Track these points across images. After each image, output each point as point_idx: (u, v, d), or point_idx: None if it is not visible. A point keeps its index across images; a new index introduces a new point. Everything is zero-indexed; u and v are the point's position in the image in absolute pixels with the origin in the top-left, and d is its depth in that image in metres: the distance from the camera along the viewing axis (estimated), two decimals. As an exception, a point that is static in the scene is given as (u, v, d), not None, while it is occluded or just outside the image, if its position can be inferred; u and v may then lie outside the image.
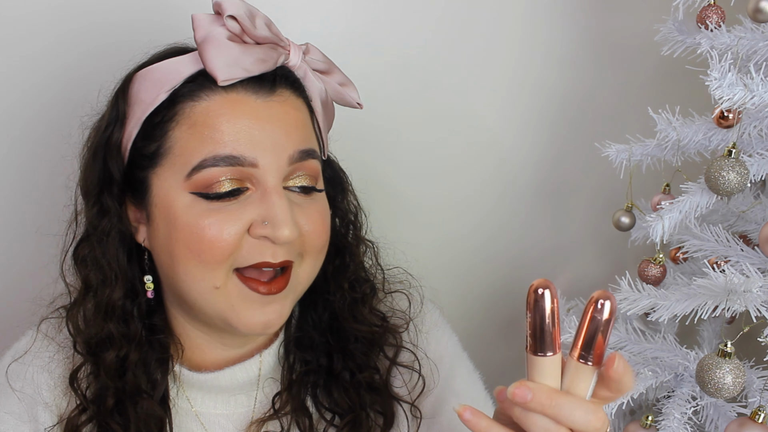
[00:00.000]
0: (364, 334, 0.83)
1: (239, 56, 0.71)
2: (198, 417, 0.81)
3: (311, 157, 0.74)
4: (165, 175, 0.72)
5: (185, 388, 0.80)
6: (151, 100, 0.73)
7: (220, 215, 0.70)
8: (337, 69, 0.80)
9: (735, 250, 0.96)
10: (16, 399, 0.77)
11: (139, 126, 0.74)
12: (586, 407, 0.53)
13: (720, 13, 0.96)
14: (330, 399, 0.82)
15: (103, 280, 0.76)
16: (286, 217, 0.69)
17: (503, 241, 1.36)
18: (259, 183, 0.71)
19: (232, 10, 0.70)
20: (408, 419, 0.83)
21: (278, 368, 0.83)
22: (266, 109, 0.72)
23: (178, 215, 0.71)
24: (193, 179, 0.70)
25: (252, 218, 0.70)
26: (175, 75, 0.73)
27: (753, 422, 0.86)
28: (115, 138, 0.75)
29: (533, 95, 1.28)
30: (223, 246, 0.70)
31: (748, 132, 0.95)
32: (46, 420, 0.77)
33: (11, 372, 0.78)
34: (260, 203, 0.70)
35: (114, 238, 0.76)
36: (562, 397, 0.53)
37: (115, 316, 0.76)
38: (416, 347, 0.85)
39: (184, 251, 0.71)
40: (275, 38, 0.73)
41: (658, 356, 1.00)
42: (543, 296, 0.50)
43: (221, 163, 0.69)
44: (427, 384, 0.84)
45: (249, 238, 0.71)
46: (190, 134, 0.71)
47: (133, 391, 0.76)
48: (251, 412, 0.82)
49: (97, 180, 0.76)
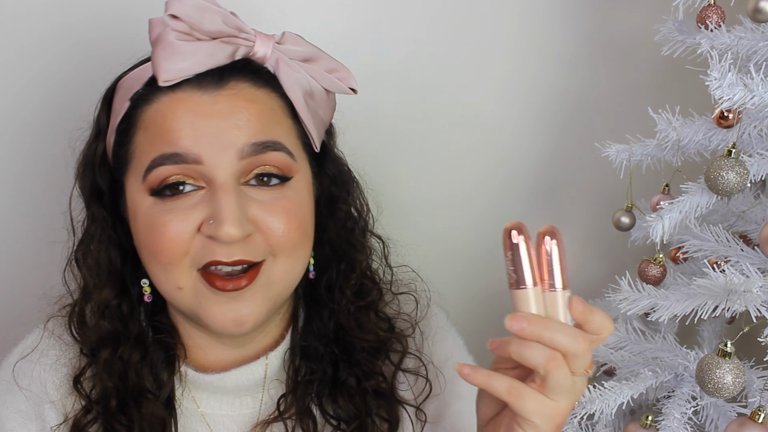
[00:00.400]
0: (371, 343, 0.82)
1: (186, 54, 0.69)
2: (204, 418, 0.81)
3: (273, 149, 0.71)
4: (131, 180, 0.73)
5: (191, 389, 0.81)
6: (120, 108, 0.75)
7: (172, 215, 0.70)
8: (324, 55, 0.77)
9: (735, 250, 0.96)
10: (23, 397, 0.77)
11: (114, 134, 0.75)
12: (572, 330, 0.57)
13: (720, 13, 0.96)
14: (335, 407, 0.82)
15: (97, 282, 0.77)
16: (230, 214, 0.68)
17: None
18: (210, 180, 0.70)
19: (175, 9, 0.69)
20: (413, 422, 0.83)
21: (284, 370, 0.83)
22: (211, 104, 0.70)
23: (142, 217, 0.72)
24: (147, 180, 0.70)
25: (203, 216, 0.70)
26: (138, 81, 0.74)
27: (753, 422, 0.86)
28: (100, 148, 0.77)
29: (533, 95, 1.28)
30: (173, 246, 0.69)
31: (748, 132, 0.95)
32: (52, 419, 0.77)
33: (18, 370, 0.79)
34: (209, 201, 0.70)
35: (104, 242, 0.77)
36: (552, 322, 0.57)
37: (112, 316, 0.77)
38: (422, 353, 0.85)
39: (146, 253, 0.72)
40: (232, 31, 0.72)
41: (658, 356, 1.00)
42: (515, 236, 0.59)
43: (167, 162, 0.69)
44: (434, 389, 0.84)
45: (201, 237, 0.70)
46: (144, 137, 0.72)
47: (136, 392, 0.76)
48: (256, 414, 0.82)
49: (88, 190, 0.78)
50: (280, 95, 0.75)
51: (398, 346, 0.84)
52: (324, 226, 0.82)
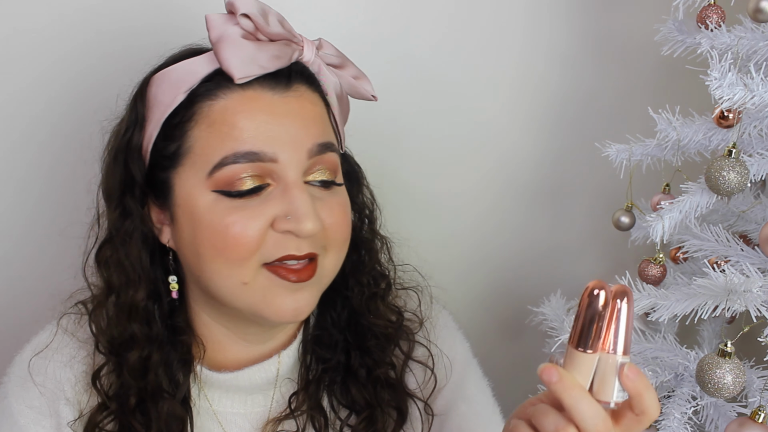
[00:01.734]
0: (381, 329, 0.84)
1: (254, 54, 0.71)
2: (216, 416, 0.81)
3: (330, 150, 0.75)
4: (186, 175, 0.73)
5: (205, 388, 0.81)
6: (170, 102, 0.73)
7: (243, 212, 0.70)
8: (350, 63, 0.81)
9: (735, 250, 0.96)
10: (38, 393, 0.78)
11: (159, 127, 0.74)
12: (598, 410, 0.54)
13: (720, 13, 0.96)
14: (347, 396, 0.83)
15: (126, 282, 0.76)
16: (309, 210, 0.70)
17: (502, 241, 1.35)
18: (280, 178, 0.71)
19: (246, 8, 0.71)
20: (422, 417, 0.83)
21: (296, 368, 0.83)
22: (283, 104, 0.72)
23: (202, 214, 0.71)
24: (215, 177, 0.71)
25: (275, 213, 0.71)
26: (192, 75, 0.73)
27: (753, 422, 0.86)
28: (135, 141, 0.76)
29: (534, 95, 1.28)
30: (248, 243, 0.70)
31: (748, 132, 0.95)
32: (67, 415, 0.78)
33: (32, 366, 0.79)
34: (282, 198, 0.71)
35: (137, 239, 0.76)
36: (582, 391, 0.54)
37: (139, 317, 0.77)
38: (429, 342, 0.86)
39: (210, 250, 0.72)
40: (288, 35, 0.74)
41: (658, 356, 1.00)
42: (597, 296, 0.53)
43: (242, 160, 0.70)
44: (439, 380, 0.84)
45: (273, 233, 0.71)
46: (209, 133, 0.72)
47: (154, 391, 0.76)
48: (268, 412, 0.82)
49: (118, 183, 0.76)
50: (322, 98, 0.78)
51: (406, 336, 0.85)
52: None
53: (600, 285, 0.54)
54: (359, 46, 1.16)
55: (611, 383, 0.55)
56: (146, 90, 0.76)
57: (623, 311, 0.54)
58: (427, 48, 1.21)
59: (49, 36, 1.05)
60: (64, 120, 1.08)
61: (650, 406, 0.55)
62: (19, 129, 1.08)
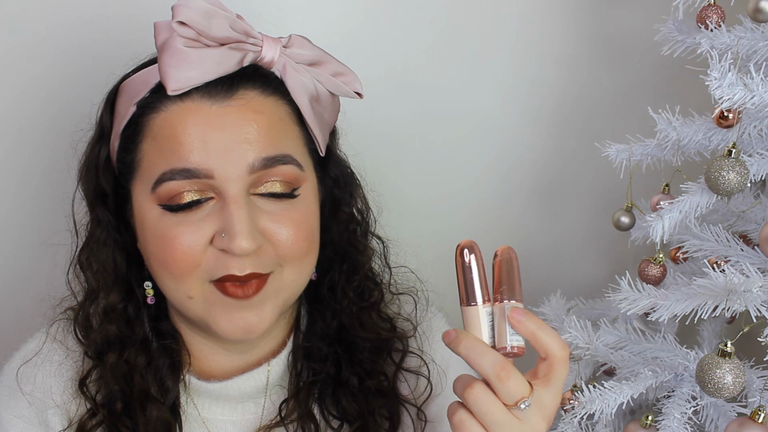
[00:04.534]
0: (373, 342, 0.82)
1: (194, 62, 0.68)
2: (205, 423, 0.81)
3: (282, 163, 0.70)
4: (138, 188, 0.72)
5: (194, 396, 0.80)
6: (125, 113, 0.73)
7: (184, 227, 0.69)
8: (330, 59, 0.76)
9: (735, 250, 0.95)
10: (26, 403, 0.77)
11: (119, 139, 0.74)
12: (494, 355, 0.58)
13: (720, 13, 0.96)
14: (338, 407, 0.82)
15: (102, 285, 0.77)
16: (243, 228, 0.67)
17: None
18: (220, 193, 0.69)
19: (184, 15, 0.67)
20: (414, 423, 0.83)
21: (286, 376, 0.82)
22: (221, 116, 0.69)
23: (150, 227, 0.71)
24: (157, 192, 0.69)
25: (214, 229, 0.69)
26: (144, 86, 0.72)
27: (753, 422, 0.85)
28: (104, 151, 0.76)
29: (533, 95, 1.28)
30: (187, 258, 0.69)
31: (748, 132, 0.95)
32: (56, 424, 0.77)
33: (21, 375, 0.78)
34: (220, 214, 0.69)
35: (109, 245, 0.77)
36: (474, 341, 0.59)
37: (116, 318, 0.77)
38: (423, 352, 0.85)
39: (156, 263, 0.71)
40: (240, 36, 0.70)
41: (658, 356, 1.00)
42: (467, 255, 0.60)
43: (178, 177, 0.68)
44: (435, 388, 0.84)
45: (213, 249, 0.69)
46: (153, 147, 0.70)
47: (141, 396, 0.76)
48: (258, 419, 0.82)
49: (91, 192, 0.77)
50: (288, 101, 0.74)
51: (399, 345, 0.84)
52: (327, 228, 0.82)
53: (469, 243, 0.60)
54: (358, 47, 1.17)
55: (504, 329, 0.59)
56: (115, 100, 0.76)
57: (506, 261, 0.60)
58: (427, 48, 1.21)
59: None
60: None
61: (550, 344, 0.58)
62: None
